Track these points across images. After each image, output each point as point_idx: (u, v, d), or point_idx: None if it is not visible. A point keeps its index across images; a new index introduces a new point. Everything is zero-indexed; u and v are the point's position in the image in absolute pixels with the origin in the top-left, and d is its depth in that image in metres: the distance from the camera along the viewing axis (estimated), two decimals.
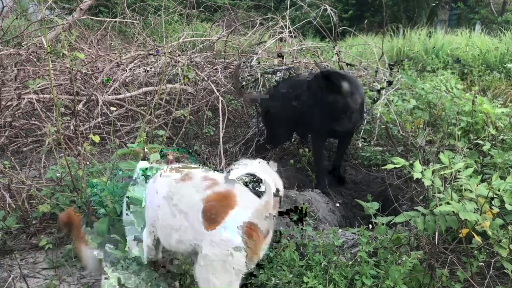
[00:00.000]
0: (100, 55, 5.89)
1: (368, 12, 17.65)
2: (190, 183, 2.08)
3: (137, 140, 3.02)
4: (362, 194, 4.02)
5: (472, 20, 16.79)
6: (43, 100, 4.64)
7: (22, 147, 4.37)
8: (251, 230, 1.79)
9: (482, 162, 3.26)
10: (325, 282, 2.32)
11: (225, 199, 1.88)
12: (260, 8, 13.25)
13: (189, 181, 2.09)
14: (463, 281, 2.32)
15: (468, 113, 3.85)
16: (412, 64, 9.00)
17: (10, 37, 6.47)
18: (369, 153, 4.34)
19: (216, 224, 1.84)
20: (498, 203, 2.39)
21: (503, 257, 2.26)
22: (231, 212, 1.84)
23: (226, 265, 1.82)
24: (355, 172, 4.44)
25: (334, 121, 3.80)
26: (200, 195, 1.97)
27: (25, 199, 3.16)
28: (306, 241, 2.63)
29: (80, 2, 6.48)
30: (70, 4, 9.56)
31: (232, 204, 1.85)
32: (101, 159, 4.13)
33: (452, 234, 2.48)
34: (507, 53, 8.66)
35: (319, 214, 3.41)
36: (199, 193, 1.98)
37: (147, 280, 2.36)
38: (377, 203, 2.78)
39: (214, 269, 1.84)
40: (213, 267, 1.84)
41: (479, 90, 6.69)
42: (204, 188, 1.98)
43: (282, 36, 6.56)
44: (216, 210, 1.87)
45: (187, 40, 6.87)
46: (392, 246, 2.50)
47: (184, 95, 5.45)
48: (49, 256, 2.73)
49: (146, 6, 9.44)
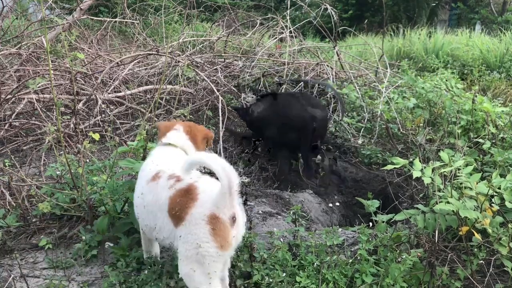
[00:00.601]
0: (100, 55, 5.90)
1: (368, 12, 17.66)
2: (157, 183, 2.12)
3: (137, 138, 3.02)
4: (362, 192, 4.03)
5: (472, 20, 16.79)
6: (43, 100, 4.64)
7: (22, 145, 4.37)
8: (215, 220, 1.86)
9: (482, 160, 3.26)
10: (318, 282, 2.32)
11: (187, 195, 1.95)
12: (260, 8, 13.27)
13: (157, 181, 2.13)
14: (463, 279, 2.32)
15: (468, 112, 3.85)
16: (412, 63, 9.02)
17: (10, 37, 6.47)
18: (370, 152, 4.34)
19: (182, 220, 1.92)
20: (498, 201, 2.40)
21: (503, 255, 2.25)
22: (193, 206, 1.90)
23: (198, 257, 1.89)
24: (356, 170, 4.44)
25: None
26: (166, 194, 2.03)
27: (25, 197, 3.16)
28: (299, 241, 2.64)
29: (80, 2, 6.48)
30: (70, 4, 9.57)
31: (194, 199, 1.92)
32: (101, 157, 4.13)
33: (452, 232, 2.48)
34: (507, 53, 8.66)
35: (312, 215, 3.45)
36: (165, 192, 2.04)
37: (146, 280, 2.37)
38: (377, 201, 2.78)
39: (189, 263, 1.91)
40: (188, 261, 1.92)
41: (479, 90, 6.69)
42: (169, 186, 2.04)
43: (282, 36, 6.57)
44: (180, 206, 1.94)
45: (187, 40, 6.87)
46: (392, 244, 2.51)
47: (185, 95, 5.45)
48: (49, 256, 2.73)
49: (146, 6, 9.44)
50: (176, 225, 1.96)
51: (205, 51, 6.81)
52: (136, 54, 5.82)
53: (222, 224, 1.87)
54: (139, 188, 2.25)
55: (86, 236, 2.77)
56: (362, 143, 4.59)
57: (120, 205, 2.86)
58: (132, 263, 2.56)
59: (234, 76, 6.06)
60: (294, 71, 6.01)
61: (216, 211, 1.86)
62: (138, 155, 3.02)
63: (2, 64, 5.22)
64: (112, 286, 2.38)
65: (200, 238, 1.86)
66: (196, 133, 2.51)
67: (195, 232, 1.87)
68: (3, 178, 3.38)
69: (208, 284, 1.92)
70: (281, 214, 3.03)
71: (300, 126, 4.12)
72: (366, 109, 4.99)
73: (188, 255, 1.90)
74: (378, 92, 5.25)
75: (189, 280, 1.95)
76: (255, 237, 2.50)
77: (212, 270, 1.91)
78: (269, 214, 2.95)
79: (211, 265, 1.90)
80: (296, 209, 2.72)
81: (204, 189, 1.95)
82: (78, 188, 2.94)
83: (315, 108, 4.25)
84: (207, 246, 1.86)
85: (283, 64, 6.00)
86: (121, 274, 2.44)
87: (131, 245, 2.73)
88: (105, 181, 2.84)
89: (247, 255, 2.44)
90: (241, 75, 5.99)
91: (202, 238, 1.86)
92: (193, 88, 5.53)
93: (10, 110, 4.56)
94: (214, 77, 5.67)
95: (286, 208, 3.09)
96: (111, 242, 2.79)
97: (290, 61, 6.07)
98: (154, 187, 2.12)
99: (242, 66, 6.11)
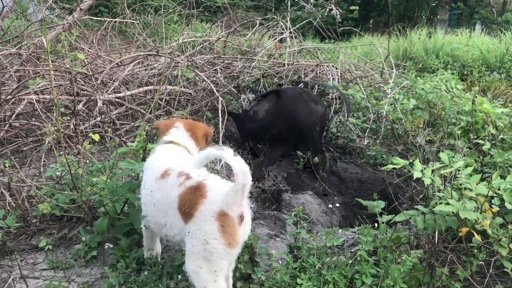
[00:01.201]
0: (100, 55, 5.89)
1: (374, 12, 17.63)
2: (167, 181, 2.14)
3: (137, 139, 3.02)
4: (362, 193, 4.03)
5: (472, 20, 16.78)
6: (43, 101, 4.64)
7: (22, 146, 4.36)
8: (223, 217, 1.87)
9: (482, 161, 3.26)
10: (320, 284, 2.32)
11: (197, 192, 1.97)
12: (260, 8, 13.26)
13: (167, 178, 2.15)
14: (463, 280, 2.32)
15: (468, 113, 3.85)
16: (412, 64, 9.02)
17: (10, 37, 6.47)
18: (375, 152, 4.34)
19: (191, 217, 1.93)
20: (498, 202, 2.40)
21: (503, 256, 2.26)
22: (202, 203, 1.92)
23: (205, 254, 1.90)
24: (361, 171, 4.43)
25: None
26: (175, 191, 2.05)
27: (25, 198, 3.16)
28: (300, 243, 2.64)
29: (80, 2, 6.48)
30: (70, 4, 9.56)
31: (203, 196, 1.93)
32: (100, 158, 4.13)
33: (452, 233, 2.48)
34: (507, 53, 8.66)
35: (312, 216, 3.45)
36: (174, 190, 2.06)
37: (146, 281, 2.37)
38: (383, 202, 2.79)
39: (197, 259, 1.92)
40: (195, 257, 1.93)
41: (479, 91, 6.69)
42: (178, 184, 2.06)
43: (282, 37, 6.57)
44: (189, 203, 1.96)
45: (186, 40, 6.87)
46: (392, 245, 2.50)
47: (184, 96, 5.45)
48: (49, 257, 2.73)
49: (146, 6, 9.44)
50: (186, 222, 1.97)
51: (205, 51, 6.81)
52: (136, 55, 5.82)
53: (231, 222, 1.88)
54: (148, 186, 2.25)
55: (86, 237, 2.77)
56: (368, 144, 4.59)
57: (120, 206, 2.86)
58: (132, 264, 2.56)
59: (234, 77, 6.06)
60: (294, 72, 6.01)
61: (225, 208, 1.88)
62: (138, 156, 3.02)
63: (2, 64, 5.21)
64: (112, 287, 2.38)
65: (208, 234, 1.88)
66: (197, 131, 2.53)
67: (204, 228, 1.89)
68: (3, 178, 3.38)
69: (214, 282, 1.93)
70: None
71: (308, 123, 4.18)
72: (372, 109, 4.99)
73: (195, 251, 1.91)
74: (384, 93, 5.25)
75: (195, 277, 1.96)
76: (257, 240, 2.49)
77: (219, 268, 1.92)
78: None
79: (218, 262, 1.91)
80: (297, 211, 2.72)
81: (213, 187, 1.97)
82: (78, 189, 2.94)
83: (317, 105, 4.31)
84: (215, 242, 1.88)
85: (283, 65, 6.00)
86: (121, 275, 2.44)
87: (131, 246, 2.73)
88: (105, 182, 2.84)
89: (247, 255, 2.44)
90: (240, 76, 5.99)
91: (210, 235, 1.88)
92: (193, 89, 5.53)
93: (10, 110, 4.56)
94: (214, 78, 5.66)
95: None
96: (111, 243, 2.79)
97: (290, 62, 6.07)
98: (164, 185, 2.14)
99: (242, 67, 6.11)
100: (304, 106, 4.33)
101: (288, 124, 4.31)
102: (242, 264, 2.40)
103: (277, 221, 3.31)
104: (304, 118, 4.30)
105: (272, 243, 2.94)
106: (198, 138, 2.52)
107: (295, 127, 4.30)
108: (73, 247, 2.83)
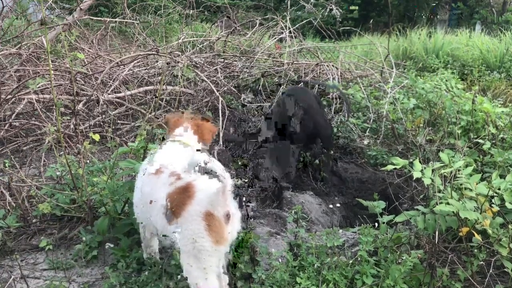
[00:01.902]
0: (100, 55, 5.89)
1: (374, 11, 17.60)
2: (159, 178, 2.21)
3: (138, 138, 3.02)
4: (363, 193, 4.03)
5: (472, 20, 16.78)
6: (43, 100, 4.64)
7: (22, 146, 4.36)
8: (209, 216, 1.96)
9: (482, 160, 3.26)
10: (318, 283, 2.32)
11: (184, 192, 2.05)
12: (260, 8, 13.26)
13: (159, 175, 2.22)
14: (463, 280, 2.32)
15: (468, 112, 3.85)
16: (412, 63, 9.01)
17: (10, 37, 6.46)
18: (376, 152, 4.34)
19: (179, 216, 2.01)
20: (498, 202, 2.39)
21: (503, 256, 2.26)
22: (189, 204, 2.00)
23: (195, 252, 1.98)
24: (361, 171, 4.43)
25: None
26: (165, 190, 2.12)
27: (25, 198, 3.15)
28: (300, 241, 2.64)
29: (80, 2, 6.47)
30: (70, 4, 9.55)
31: (191, 196, 2.01)
32: (101, 158, 4.12)
33: (452, 233, 2.48)
34: (507, 53, 8.65)
35: (312, 216, 3.46)
36: (164, 189, 2.13)
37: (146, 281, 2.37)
38: (383, 202, 2.79)
39: (187, 258, 2.01)
40: (186, 256, 2.02)
41: (479, 90, 6.69)
42: (169, 184, 2.14)
43: (282, 37, 6.56)
44: (177, 203, 2.04)
45: (186, 40, 6.86)
46: (392, 245, 2.50)
47: (184, 96, 5.44)
48: (49, 257, 2.73)
49: (146, 6, 9.43)
50: (173, 221, 2.05)
51: (205, 51, 6.80)
52: (136, 54, 5.82)
53: (217, 221, 1.96)
54: (139, 182, 2.38)
55: (87, 237, 2.77)
56: (368, 144, 4.58)
57: (121, 206, 2.86)
58: (132, 264, 2.56)
59: (234, 77, 6.06)
60: (294, 71, 6.01)
61: (210, 208, 1.96)
62: (138, 156, 3.02)
63: (2, 64, 5.21)
64: (112, 287, 2.38)
65: (195, 233, 1.97)
66: (204, 131, 2.63)
67: (191, 228, 1.97)
68: (3, 178, 3.38)
69: (205, 279, 2.00)
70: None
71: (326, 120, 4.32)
72: (372, 109, 4.99)
73: (185, 250, 2.00)
74: (384, 93, 5.25)
75: (188, 275, 2.04)
76: (257, 240, 2.49)
77: (208, 265, 2.00)
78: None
79: (207, 259, 1.98)
80: (297, 209, 2.73)
81: (201, 188, 2.04)
82: (79, 189, 2.94)
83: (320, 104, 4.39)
84: (202, 241, 1.96)
85: (283, 64, 6.00)
86: (121, 275, 2.44)
87: (131, 246, 2.73)
88: (105, 182, 2.84)
89: (247, 256, 2.44)
90: (240, 75, 5.99)
91: (198, 234, 1.96)
92: (193, 88, 5.53)
93: (10, 110, 4.56)
94: (214, 78, 5.66)
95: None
96: (111, 243, 2.78)
97: (289, 61, 6.07)
98: (155, 181, 2.22)
99: (242, 67, 6.11)
100: (317, 105, 4.41)
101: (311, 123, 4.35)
102: (243, 264, 2.40)
103: (278, 219, 3.32)
104: (322, 117, 4.40)
105: (272, 241, 2.95)
106: (205, 139, 2.64)
107: (317, 125, 4.35)
108: (73, 247, 2.83)
